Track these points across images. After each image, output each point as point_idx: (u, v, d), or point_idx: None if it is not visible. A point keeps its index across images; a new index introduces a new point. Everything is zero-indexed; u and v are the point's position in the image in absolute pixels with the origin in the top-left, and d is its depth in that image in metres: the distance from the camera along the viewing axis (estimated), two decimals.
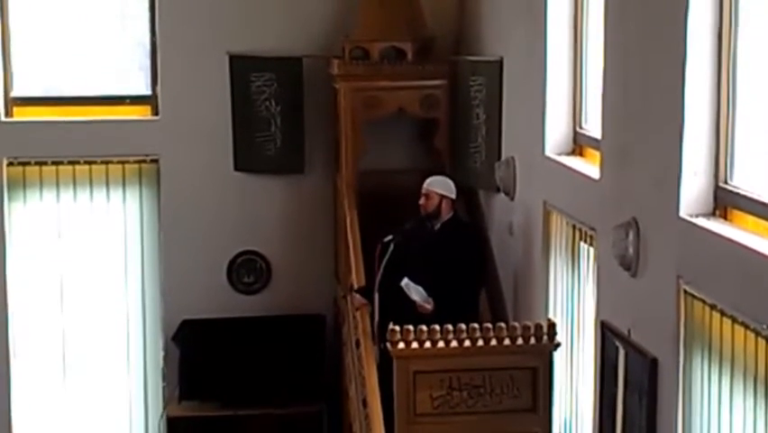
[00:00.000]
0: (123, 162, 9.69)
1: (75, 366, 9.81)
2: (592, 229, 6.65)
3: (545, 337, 6.69)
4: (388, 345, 6.71)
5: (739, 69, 5.31)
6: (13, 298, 9.65)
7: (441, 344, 6.64)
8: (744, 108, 5.29)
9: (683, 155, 5.42)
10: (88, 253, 9.74)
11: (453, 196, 8.02)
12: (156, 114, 9.70)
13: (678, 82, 5.42)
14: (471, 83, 8.84)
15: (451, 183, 8.06)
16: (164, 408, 9.62)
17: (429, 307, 7.61)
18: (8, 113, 9.61)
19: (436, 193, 7.95)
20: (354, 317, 8.09)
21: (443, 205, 7.95)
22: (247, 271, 9.79)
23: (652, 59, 5.80)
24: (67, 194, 9.69)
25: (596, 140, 6.82)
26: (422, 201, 7.95)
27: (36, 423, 9.83)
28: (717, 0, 5.34)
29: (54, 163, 9.63)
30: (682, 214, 5.44)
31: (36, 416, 9.82)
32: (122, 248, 9.77)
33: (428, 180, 8.04)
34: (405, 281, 7.64)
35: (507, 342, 6.67)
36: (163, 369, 9.76)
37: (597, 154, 6.75)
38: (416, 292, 7.62)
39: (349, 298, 8.42)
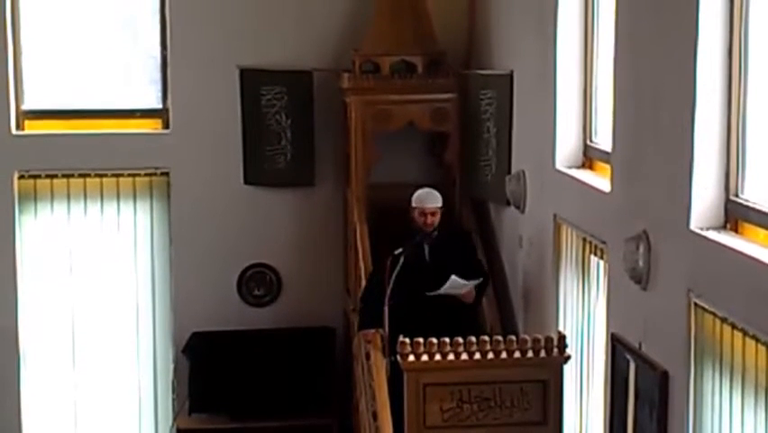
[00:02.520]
0: (133, 175, 9.71)
1: (85, 377, 9.82)
2: (603, 242, 6.65)
3: (556, 350, 6.70)
4: (399, 357, 6.72)
5: (750, 82, 5.31)
6: (24, 309, 9.66)
7: (451, 356, 6.66)
8: (754, 121, 5.30)
9: (694, 168, 5.42)
10: (99, 265, 9.75)
11: None
12: (166, 127, 9.73)
13: (688, 95, 5.43)
14: (482, 96, 8.85)
15: (437, 192, 8.11)
16: (174, 420, 9.61)
17: (473, 294, 7.75)
18: (19, 126, 9.63)
19: (439, 208, 8.02)
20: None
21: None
22: (257, 283, 9.80)
23: (662, 72, 5.81)
24: (77, 207, 9.71)
25: (606, 153, 6.82)
26: (429, 220, 7.96)
27: None
28: (727, 14, 5.35)
29: (65, 176, 9.64)
30: (693, 227, 5.44)
31: (46, 427, 9.82)
32: (132, 261, 9.78)
33: (423, 198, 8.01)
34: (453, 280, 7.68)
35: (517, 355, 6.68)
36: (173, 381, 9.76)
37: (607, 167, 6.75)
38: (464, 287, 7.71)
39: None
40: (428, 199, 8.02)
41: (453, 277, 7.67)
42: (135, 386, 9.86)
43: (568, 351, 6.74)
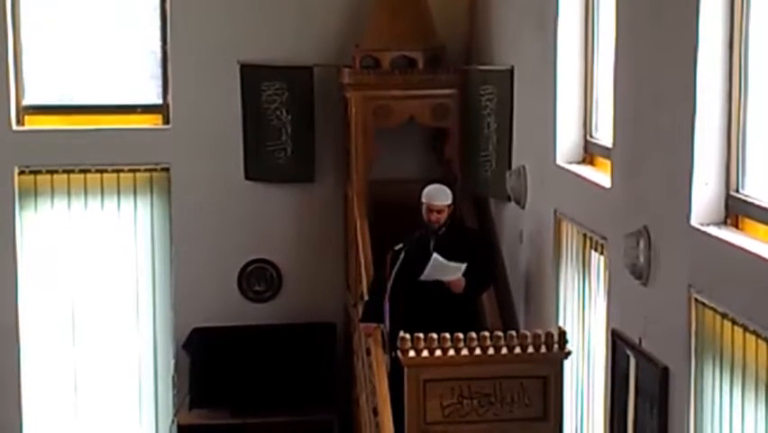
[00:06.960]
0: (134, 171, 9.70)
1: (85, 374, 9.81)
2: (603, 238, 6.65)
3: (556, 346, 6.70)
4: (399, 353, 6.72)
5: (750, 77, 5.31)
6: (24, 305, 9.66)
7: (451, 352, 6.65)
8: (755, 117, 5.30)
9: (694, 164, 5.42)
10: (99, 261, 9.75)
11: None
12: (167, 122, 9.72)
13: (689, 90, 5.42)
14: (482, 92, 8.85)
15: (448, 189, 8.07)
16: (174, 416, 9.61)
17: (462, 282, 7.64)
18: (20, 121, 9.62)
19: (447, 206, 7.98)
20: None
21: (449, 212, 8.00)
22: (258, 279, 9.80)
23: (663, 68, 5.81)
24: (78, 202, 9.70)
25: (607, 148, 6.82)
26: (434, 217, 7.92)
27: (47, 431, 9.83)
28: (728, 10, 5.35)
29: (65, 172, 9.63)
30: (693, 222, 5.44)
31: (47, 423, 9.82)
32: (132, 256, 9.78)
33: (431, 194, 7.97)
34: (434, 259, 7.62)
35: (517, 350, 6.68)
36: (174, 377, 9.76)
37: (607, 163, 6.75)
38: (448, 270, 7.62)
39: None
40: (436, 196, 7.99)
41: (435, 255, 7.64)
42: (136, 382, 9.86)
43: (568, 347, 6.74)
